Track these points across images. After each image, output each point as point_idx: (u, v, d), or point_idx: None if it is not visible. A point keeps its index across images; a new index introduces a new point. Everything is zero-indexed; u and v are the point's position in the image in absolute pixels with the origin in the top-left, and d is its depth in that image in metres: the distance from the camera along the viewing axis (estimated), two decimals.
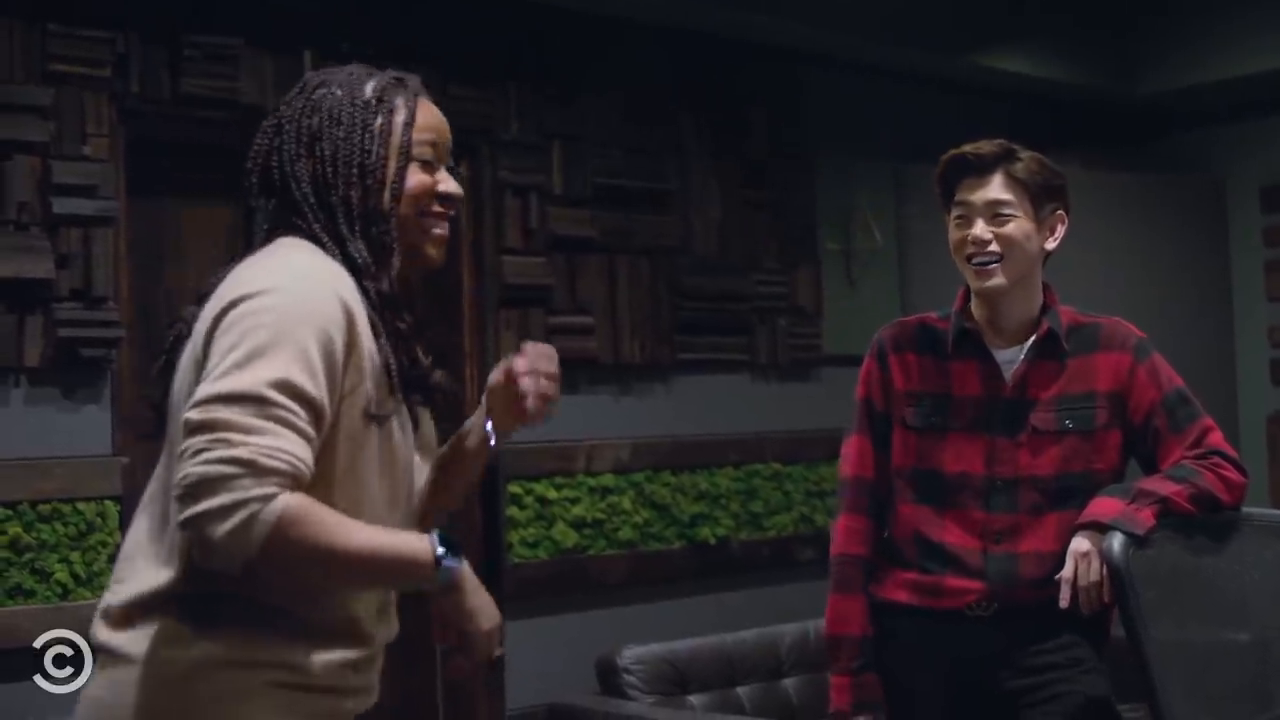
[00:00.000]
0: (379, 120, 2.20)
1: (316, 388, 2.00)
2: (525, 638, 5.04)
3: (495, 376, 2.37)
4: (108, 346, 4.19)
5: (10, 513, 4.05)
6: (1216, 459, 3.12)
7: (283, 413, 1.95)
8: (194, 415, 1.94)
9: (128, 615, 2.07)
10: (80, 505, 4.16)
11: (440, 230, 2.27)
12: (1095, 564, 2.98)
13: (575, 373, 5.27)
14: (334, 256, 2.14)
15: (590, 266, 5.33)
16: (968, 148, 3.22)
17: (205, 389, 1.95)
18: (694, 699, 5.03)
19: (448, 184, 2.28)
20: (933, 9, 6.05)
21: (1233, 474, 3.12)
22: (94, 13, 4.29)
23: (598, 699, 4.96)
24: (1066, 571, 3.01)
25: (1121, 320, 3.28)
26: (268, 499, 1.90)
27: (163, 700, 2.03)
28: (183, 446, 1.93)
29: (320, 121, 2.19)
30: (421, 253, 2.26)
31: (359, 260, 2.15)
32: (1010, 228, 3.16)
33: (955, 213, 3.23)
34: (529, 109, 5.21)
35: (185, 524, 1.92)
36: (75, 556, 4.13)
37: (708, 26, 5.61)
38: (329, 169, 2.17)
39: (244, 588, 2.02)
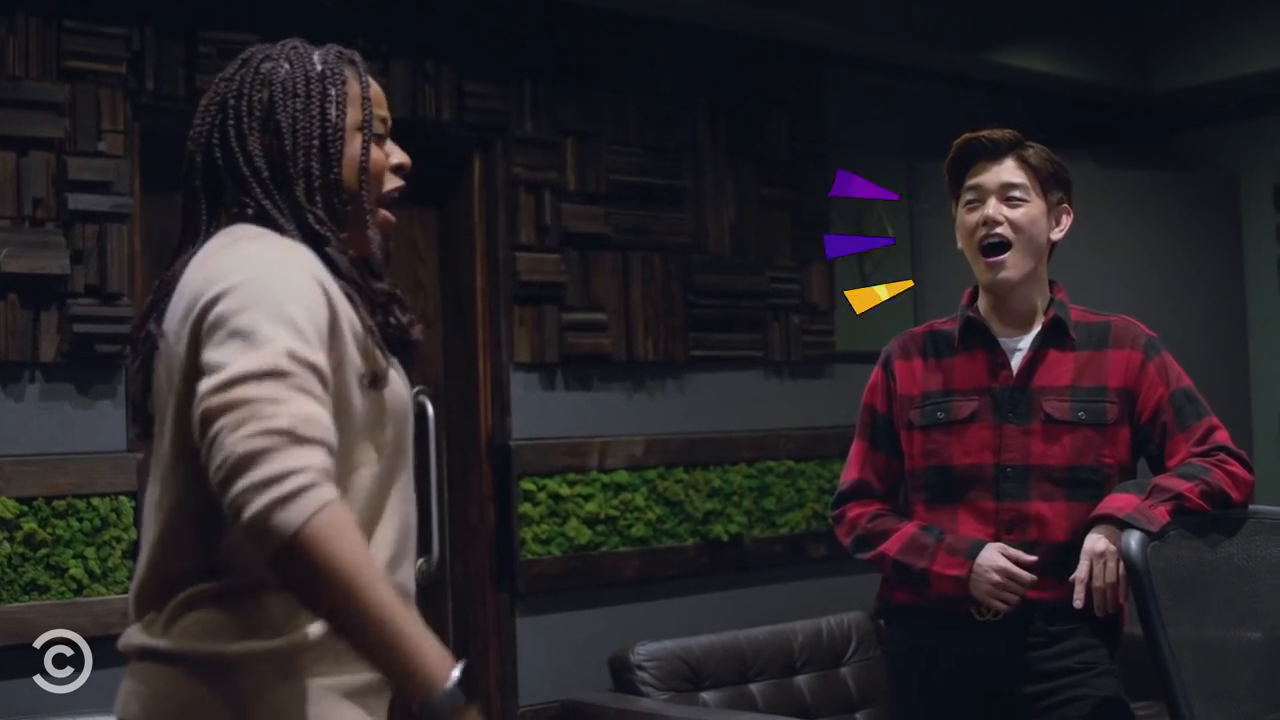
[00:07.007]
0: (333, 91, 2.18)
1: (316, 355, 1.94)
2: (538, 634, 5.05)
3: None
4: (122, 343, 4.20)
5: (25, 508, 4.06)
6: (1223, 456, 3.13)
7: (303, 381, 1.89)
8: (214, 400, 1.86)
9: (165, 613, 2.04)
10: (95, 501, 4.17)
11: (389, 215, 2.25)
12: (1112, 564, 2.97)
13: (588, 370, 5.28)
14: (290, 234, 2.11)
15: (604, 263, 5.33)
16: (981, 132, 3.25)
17: (215, 378, 1.89)
18: (707, 695, 5.04)
19: (399, 155, 2.28)
20: (947, 6, 6.05)
21: (1241, 471, 3.12)
22: (109, 9, 4.30)
23: (611, 696, 4.97)
24: (1081, 572, 3.00)
25: (1132, 319, 3.30)
26: (319, 474, 1.83)
27: (208, 693, 2.00)
28: (213, 431, 1.85)
29: (273, 94, 2.16)
30: (370, 233, 2.20)
31: (320, 230, 2.12)
32: (1021, 212, 3.18)
33: (966, 197, 3.25)
34: (544, 105, 5.21)
35: (230, 506, 1.82)
36: (90, 552, 4.14)
37: (724, 23, 5.61)
38: (287, 142, 2.14)
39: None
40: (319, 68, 2.20)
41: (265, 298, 1.96)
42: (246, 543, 1.85)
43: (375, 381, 2.09)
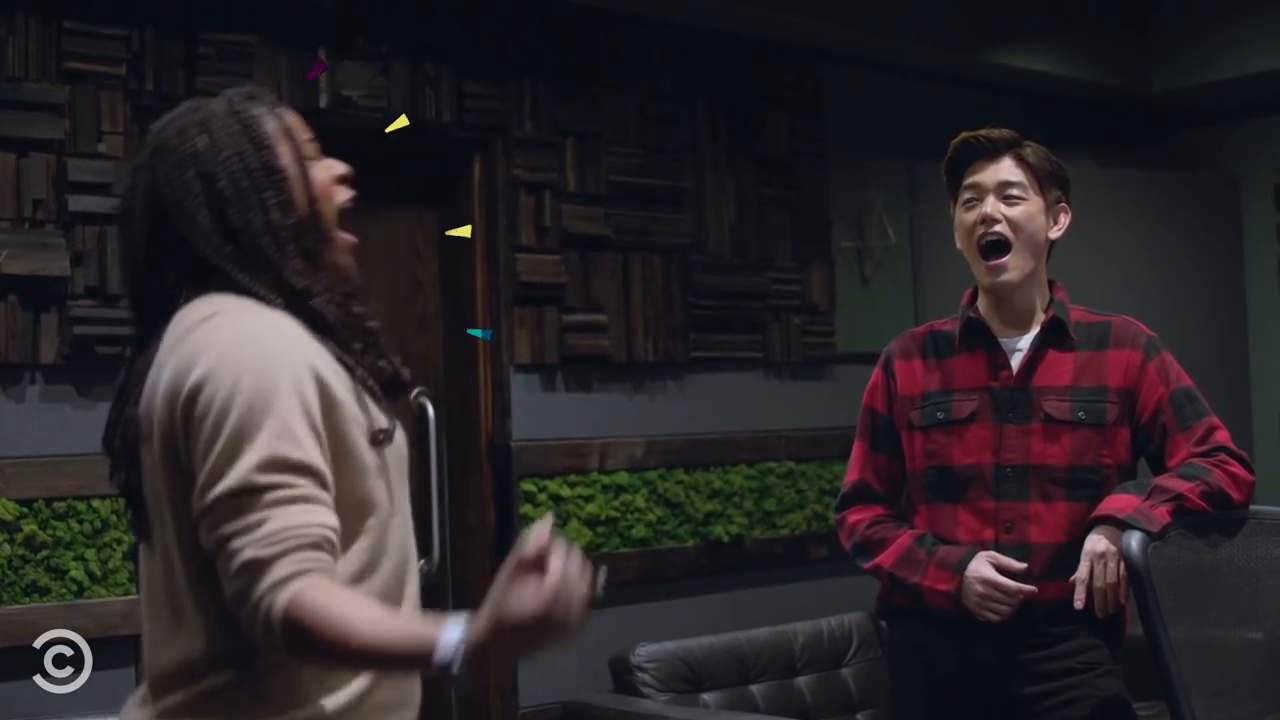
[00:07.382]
0: (259, 137, 2.13)
1: (305, 451, 1.96)
2: None
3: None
4: (123, 344, 4.20)
5: (25, 510, 4.06)
6: (1224, 456, 3.13)
7: (276, 493, 1.93)
8: (205, 538, 1.96)
9: (186, 698, 2.05)
10: (95, 503, 4.16)
11: (350, 236, 2.22)
12: (1112, 565, 2.97)
13: (589, 371, 5.28)
14: (270, 301, 2.07)
15: (604, 264, 5.33)
16: (979, 132, 3.26)
17: (204, 500, 1.95)
18: (708, 697, 5.04)
19: (338, 166, 2.23)
20: (947, 6, 6.05)
21: (1241, 471, 3.12)
22: (109, 10, 4.29)
23: (612, 697, 4.97)
24: (1082, 572, 3.00)
25: (1132, 319, 3.30)
26: (275, 589, 1.90)
27: None
28: (218, 564, 1.96)
29: (203, 166, 2.09)
30: (341, 258, 2.20)
31: (301, 283, 2.09)
32: (1019, 210, 3.19)
33: (964, 196, 3.25)
34: (543, 106, 5.21)
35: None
36: (90, 554, 4.14)
37: (724, 24, 5.61)
38: (235, 210, 2.08)
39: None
40: (235, 121, 2.14)
41: (250, 386, 1.96)
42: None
43: (383, 439, 2.11)
